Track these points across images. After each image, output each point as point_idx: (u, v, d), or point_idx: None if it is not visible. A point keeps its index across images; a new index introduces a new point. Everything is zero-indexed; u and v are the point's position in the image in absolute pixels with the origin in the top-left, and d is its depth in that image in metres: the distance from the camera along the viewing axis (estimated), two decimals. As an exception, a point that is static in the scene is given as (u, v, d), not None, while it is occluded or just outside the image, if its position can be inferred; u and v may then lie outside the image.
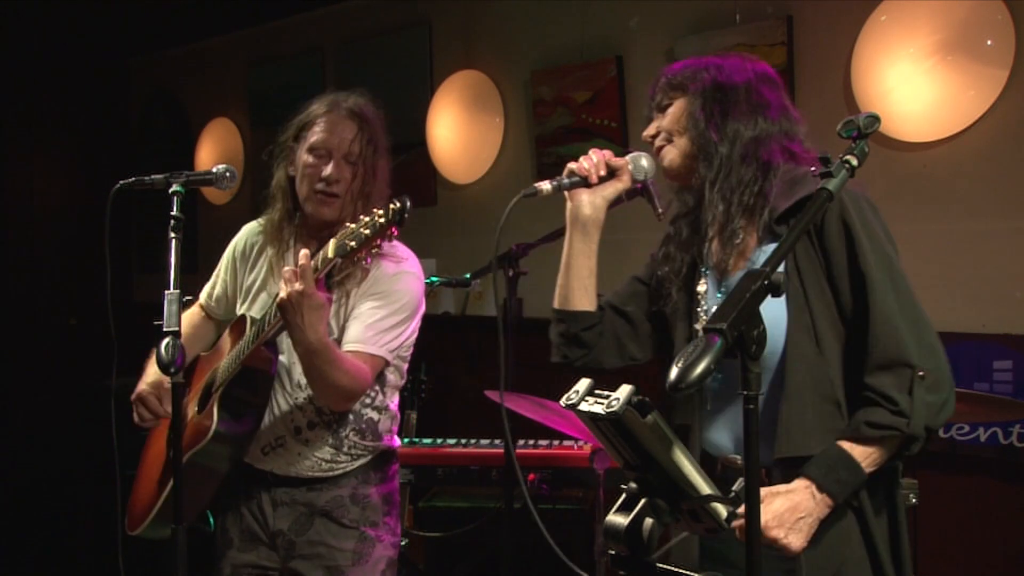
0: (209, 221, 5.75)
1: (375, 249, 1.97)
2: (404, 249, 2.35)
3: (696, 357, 1.21)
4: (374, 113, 2.36)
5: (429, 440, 3.41)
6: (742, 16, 3.53)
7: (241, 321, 2.33)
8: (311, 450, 2.29)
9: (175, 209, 2.06)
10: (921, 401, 1.59)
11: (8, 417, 5.75)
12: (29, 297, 5.88)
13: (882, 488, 1.69)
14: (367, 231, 1.94)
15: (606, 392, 1.34)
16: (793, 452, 1.65)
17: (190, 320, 2.52)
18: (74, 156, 6.15)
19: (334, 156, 2.27)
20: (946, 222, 3.11)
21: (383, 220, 1.92)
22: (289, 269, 2.02)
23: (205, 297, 2.55)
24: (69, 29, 5.93)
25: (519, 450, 3.15)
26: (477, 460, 3.26)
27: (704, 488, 1.38)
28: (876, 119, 1.53)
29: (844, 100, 3.29)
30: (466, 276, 3.15)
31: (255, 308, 2.37)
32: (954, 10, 3.02)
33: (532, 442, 3.26)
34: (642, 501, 1.40)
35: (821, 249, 1.69)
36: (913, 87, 3.10)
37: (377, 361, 2.23)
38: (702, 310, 1.83)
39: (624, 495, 1.42)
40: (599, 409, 1.32)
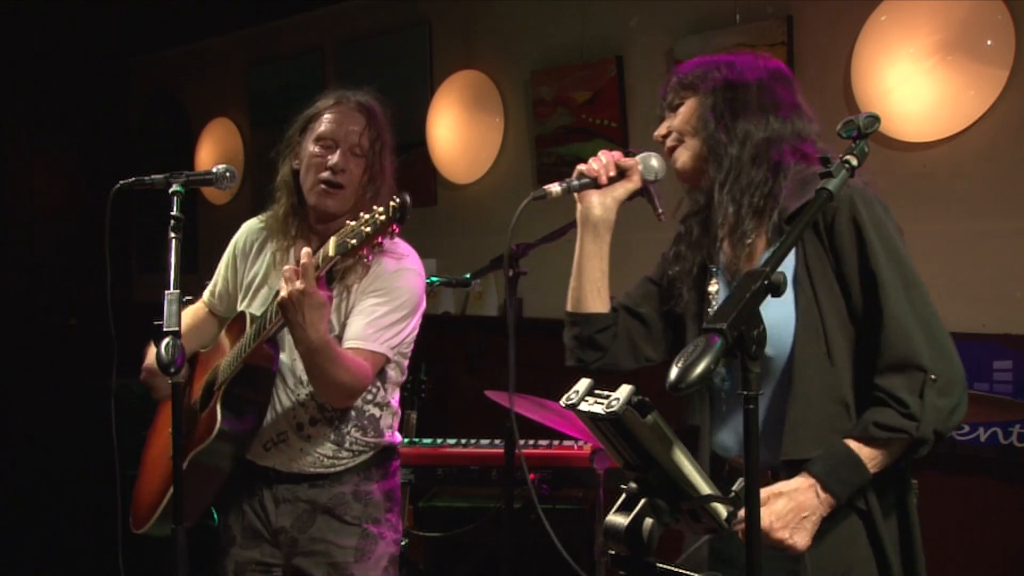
0: (209, 221, 5.75)
1: (376, 246, 1.97)
2: (405, 246, 2.35)
3: (696, 357, 1.21)
4: (381, 110, 2.36)
5: (429, 440, 3.41)
6: (742, 16, 3.53)
7: (240, 318, 2.33)
8: (313, 446, 2.29)
9: (175, 209, 2.06)
10: (932, 405, 1.57)
11: (8, 417, 5.74)
12: (29, 297, 5.87)
13: (891, 490, 1.67)
14: (368, 229, 1.93)
15: (606, 392, 1.34)
16: (800, 455, 1.64)
17: (194, 315, 2.52)
18: (74, 156, 6.14)
19: (341, 147, 2.26)
20: (946, 222, 3.10)
21: (384, 218, 1.92)
22: (290, 268, 2.02)
23: (208, 294, 2.55)
24: (69, 29, 5.93)
25: (519, 450, 3.15)
26: (477, 460, 3.26)
27: (704, 488, 1.38)
28: (876, 119, 1.52)
29: (844, 100, 3.29)
30: (466, 276, 3.14)
31: (255, 304, 2.37)
32: (954, 10, 3.02)
33: (532, 442, 3.26)
34: (642, 501, 1.39)
35: (832, 250, 1.67)
36: (913, 87, 3.10)
37: (378, 358, 2.23)
38: (712, 311, 1.82)
39: (624, 495, 1.42)
40: (599, 409, 1.32)
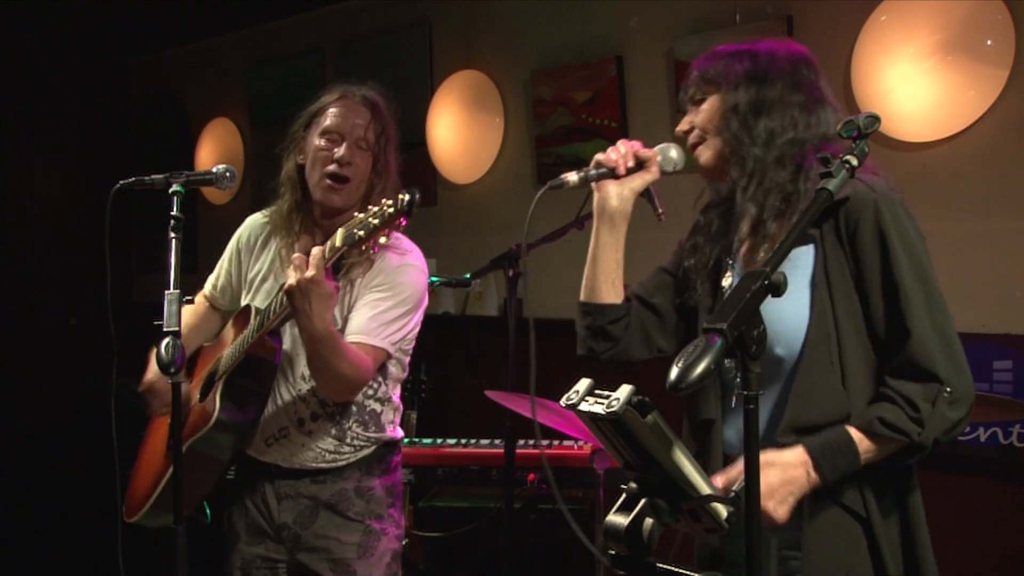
0: (209, 221, 5.74)
1: (383, 239, 1.96)
2: (408, 242, 2.35)
3: (696, 357, 1.21)
4: (386, 105, 2.36)
5: (429, 440, 3.41)
6: (742, 16, 3.52)
7: (245, 312, 2.33)
8: (314, 441, 2.29)
9: (175, 209, 2.06)
10: (941, 414, 1.58)
11: (8, 417, 5.74)
12: (29, 297, 5.87)
13: (890, 491, 1.67)
14: (376, 221, 1.93)
15: (606, 392, 1.34)
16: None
17: (195, 310, 2.50)
18: (74, 157, 6.14)
19: (346, 140, 2.27)
20: (946, 222, 3.10)
21: (392, 210, 1.91)
22: (299, 256, 2.02)
23: (210, 288, 2.54)
24: (69, 29, 5.93)
25: (519, 450, 3.15)
26: (477, 460, 3.27)
27: (704, 488, 1.38)
28: (876, 119, 1.52)
29: (844, 100, 3.29)
30: (466, 276, 3.14)
31: (259, 298, 2.37)
32: (954, 10, 3.02)
33: (532, 442, 3.26)
34: (642, 501, 1.39)
35: (853, 255, 1.65)
36: (913, 87, 3.10)
37: (379, 353, 2.23)
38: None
39: (624, 495, 1.42)
40: (599, 409, 1.32)
